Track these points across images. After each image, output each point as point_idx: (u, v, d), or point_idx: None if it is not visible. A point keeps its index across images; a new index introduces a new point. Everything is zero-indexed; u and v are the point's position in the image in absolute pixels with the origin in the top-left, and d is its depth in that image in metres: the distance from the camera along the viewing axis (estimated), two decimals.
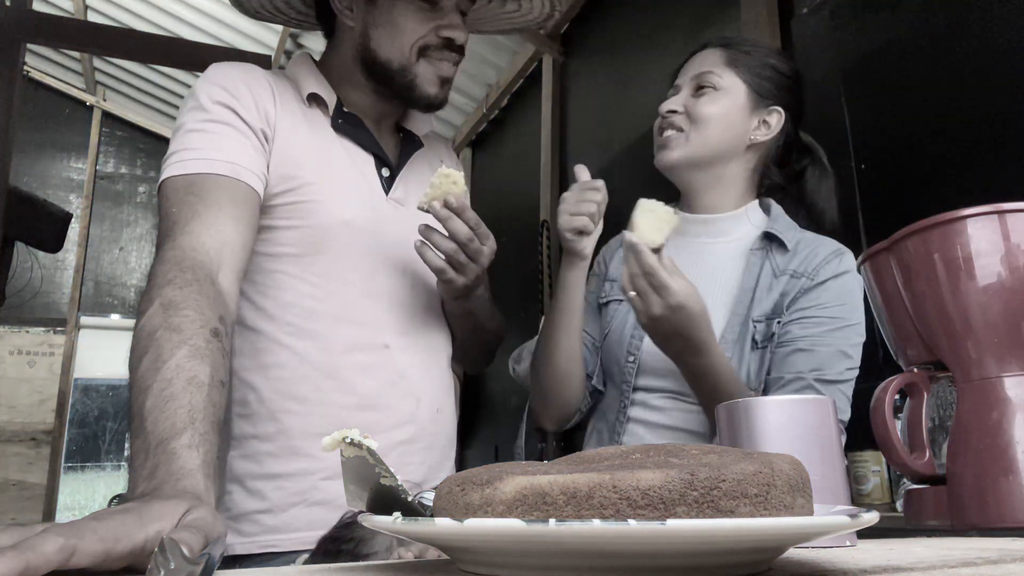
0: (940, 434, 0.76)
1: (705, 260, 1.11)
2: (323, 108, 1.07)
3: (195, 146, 0.92)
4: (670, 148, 1.11)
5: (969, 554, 0.48)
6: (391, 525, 0.37)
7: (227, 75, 0.99)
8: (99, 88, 6.47)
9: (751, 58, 1.12)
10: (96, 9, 5.10)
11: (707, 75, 1.10)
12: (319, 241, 1.00)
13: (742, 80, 1.11)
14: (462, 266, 0.98)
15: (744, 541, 0.33)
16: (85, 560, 0.39)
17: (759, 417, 0.61)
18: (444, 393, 1.11)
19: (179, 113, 0.98)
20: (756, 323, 1.03)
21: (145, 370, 0.66)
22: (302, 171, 1.00)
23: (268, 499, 0.95)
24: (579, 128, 3.53)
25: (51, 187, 6.26)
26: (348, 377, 1.00)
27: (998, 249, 0.70)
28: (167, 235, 0.84)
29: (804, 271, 1.04)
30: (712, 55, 1.13)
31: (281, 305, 0.99)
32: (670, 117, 1.12)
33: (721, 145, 1.10)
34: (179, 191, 0.88)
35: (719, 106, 1.09)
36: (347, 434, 0.44)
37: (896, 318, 0.79)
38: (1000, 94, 1.48)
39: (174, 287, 0.74)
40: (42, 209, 3.20)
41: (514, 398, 3.85)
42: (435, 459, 1.07)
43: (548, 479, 0.34)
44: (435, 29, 1.02)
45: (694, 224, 1.15)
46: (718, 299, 1.07)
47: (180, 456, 0.58)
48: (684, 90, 1.13)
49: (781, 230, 1.08)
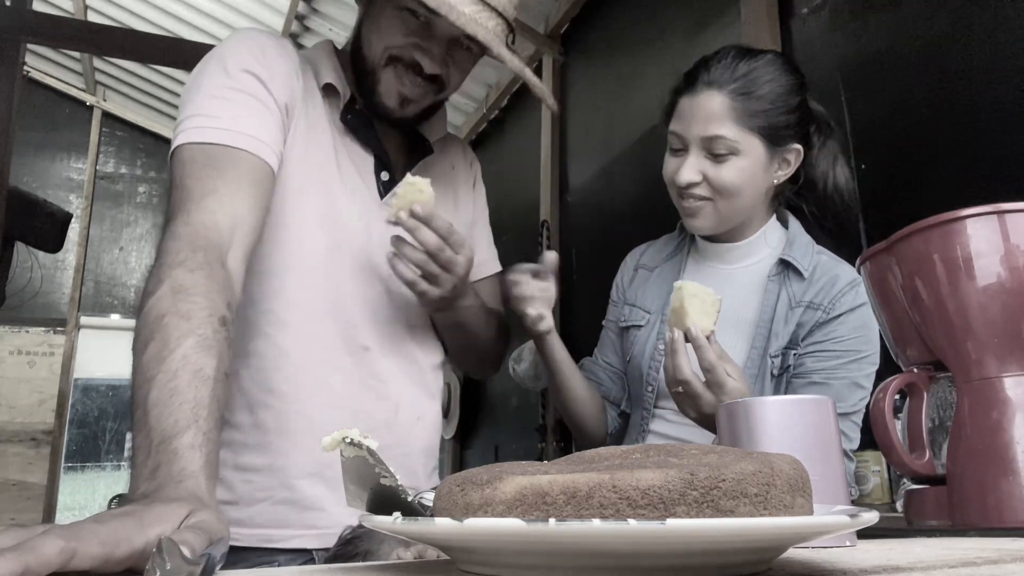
0: (940, 434, 0.76)
1: (723, 285, 1.09)
2: (335, 100, 1.05)
3: (215, 113, 0.88)
4: (700, 218, 1.07)
5: (969, 554, 0.48)
6: (391, 525, 0.37)
7: (259, 42, 0.96)
8: (99, 88, 6.47)
9: (761, 104, 1.03)
10: (96, 9, 5.10)
11: (720, 141, 1.02)
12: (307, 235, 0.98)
13: (758, 137, 1.03)
14: (435, 277, 0.94)
15: (744, 541, 0.33)
16: (85, 563, 0.39)
17: (759, 417, 0.61)
18: (427, 401, 1.08)
19: (197, 73, 0.94)
20: (773, 358, 1.03)
21: (151, 357, 0.64)
22: (308, 162, 0.98)
23: (235, 491, 0.94)
24: (579, 128, 3.53)
25: (51, 187, 6.26)
26: (323, 374, 0.98)
27: (998, 249, 0.70)
28: (180, 207, 0.81)
29: (820, 303, 1.03)
30: (719, 107, 1.02)
31: (266, 293, 0.97)
32: (691, 188, 1.05)
33: (750, 202, 1.07)
34: (196, 161, 0.85)
35: (741, 172, 1.03)
36: (347, 434, 0.44)
37: (896, 318, 0.79)
38: (1000, 94, 1.48)
39: (185, 269, 0.72)
40: (42, 209, 3.21)
41: (514, 398, 3.85)
42: (413, 467, 1.05)
43: (548, 479, 0.34)
44: (411, 45, 0.97)
45: (715, 251, 1.15)
46: (738, 330, 1.07)
47: (183, 456, 0.57)
48: (693, 151, 1.04)
49: (797, 257, 1.07)
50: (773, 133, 1.04)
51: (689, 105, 1.05)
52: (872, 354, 1.02)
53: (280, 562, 0.93)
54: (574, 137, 3.56)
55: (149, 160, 6.74)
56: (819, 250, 1.10)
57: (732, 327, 1.06)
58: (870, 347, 1.02)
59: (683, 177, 1.04)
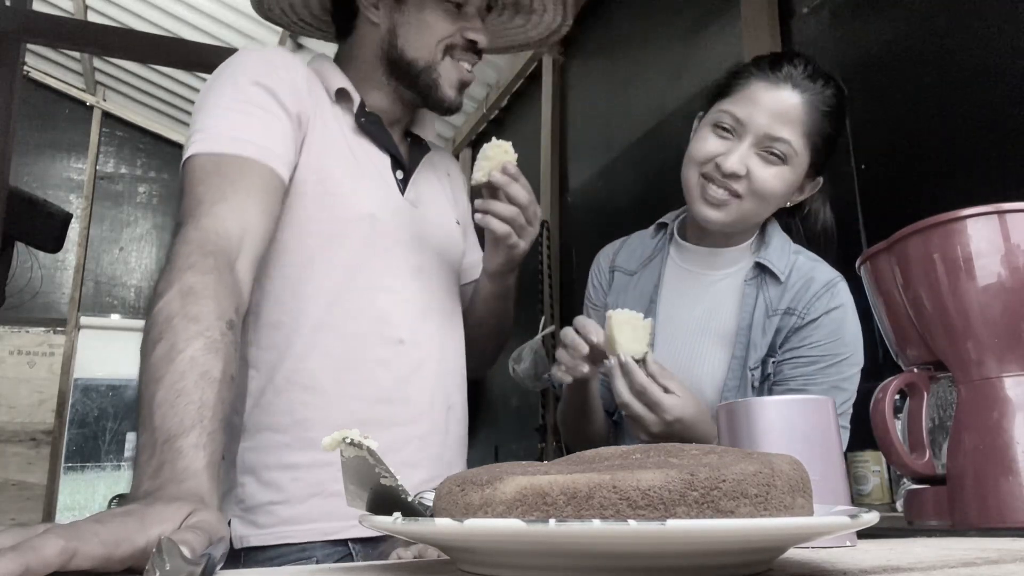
0: (940, 434, 0.76)
1: (703, 294, 1.09)
2: (348, 105, 1.08)
3: (226, 124, 0.90)
4: (719, 210, 1.01)
5: (969, 554, 0.48)
6: (391, 525, 0.37)
7: (266, 58, 0.99)
8: (99, 88, 6.48)
9: (827, 126, 1.01)
10: (96, 9, 5.10)
11: (782, 144, 0.97)
12: (340, 233, 1.01)
13: (809, 153, 1.00)
14: (523, 230, 1.01)
15: (744, 541, 0.33)
16: (86, 563, 0.39)
17: (759, 417, 0.61)
18: (457, 391, 1.12)
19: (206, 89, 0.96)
20: (752, 371, 1.02)
21: (159, 358, 0.65)
22: (329, 163, 1.00)
23: (285, 490, 0.95)
24: (579, 128, 3.53)
25: (51, 187, 6.26)
26: (368, 370, 1.00)
27: (998, 249, 0.70)
28: (191, 214, 0.82)
29: (795, 307, 1.01)
30: (795, 110, 0.98)
31: (301, 297, 0.99)
32: (731, 180, 0.99)
33: (767, 213, 1.05)
34: (207, 169, 0.87)
35: (784, 181, 0.99)
36: (347, 434, 0.44)
37: (896, 318, 0.80)
38: (1001, 94, 1.48)
39: (195, 272, 0.73)
40: (42, 209, 3.21)
41: (514, 398, 3.85)
42: (450, 456, 1.07)
43: (548, 479, 0.34)
44: (460, 30, 1.05)
45: (697, 255, 1.11)
46: (716, 341, 1.05)
47: (186, 455, 0.57)
48: (748, 141, 0.99)
49: (773, 260, 1.04)
50: (819, 156, 1.02)
51: (766, 94, 0.99)
52: (851, 355, 1.00)
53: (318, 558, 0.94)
54: (574, 137, 3.56)
55: (149, 160, 6.74)
56: (796, 249, 1.07)
57: (712, 337, 1.05)
58: (848, 349, 0.99)
59: (731, 165, 0.98)
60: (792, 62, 1.01)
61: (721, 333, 1.05)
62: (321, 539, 0.94)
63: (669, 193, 1.12)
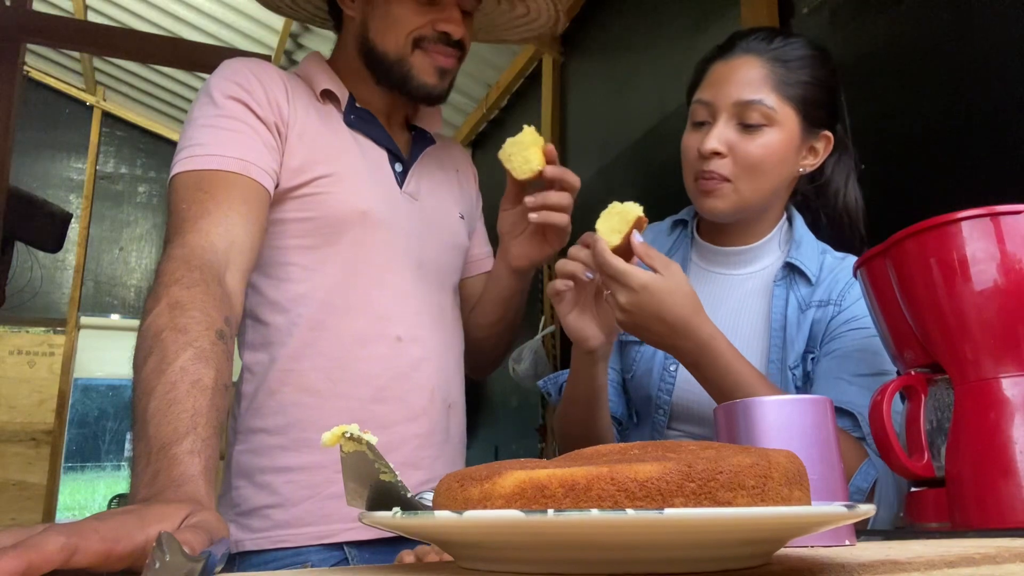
0: (938, 436, 0.76)
1: (726, 295, 1.05)
2: (336, 104, 1.08)
3: (206, 142, 0.92)
4: (716, 198, 0.97)
5: (968, 551, 0.49)
6: (391, 520, 0.38)
7: (239, 71, 1.00)
8: (99, 88, 6.48)
9: (800, 75, 0.96)
10: (96, 9, 5.10)
11: (756, 108, 0.94)
12: (334, 232, 1.01)
13: (794, 109, 0.96)
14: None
15: (741, 530, 0.33)
16: (86, 560, 0.39)
17: (757, 417, 0.61)
18: (455, 389, 1.11)
19: (191, 109, 0.99)
20: (793, 370, 0.97)
21: (150, 371, 0.66)
22: (317, 164, 1.00)
23: (279, 493, 0.95)
24: (579, 128, 3.53)
25: (51, 187, 6.27)
26: (362, 369, 1.00)
27: (993, 251, 0.71)
28: (176, 231, 0.84)
29: (830, 299, 0.98)
30: (756, 71, 0.95)
31: (293, 298, 0.99)
32: (714, 162, 0.95)
33: (773, 188, 0.99)
34: (189, 187, 0.88)
35: (772, 147, 0.95)
36: (346, 429, 0.44)
37: (893, 321, 0.80)
38: (1000, 94, 1.48)
39: (181, 287, 0.74)
40: (42, 209, 3.20)
41: (514, 398, 3.84)
42: (449, 456, 1.07)
43: (547, 473, 0.35)
44: (431, 22, 1.04)
45: (719, 255, 1.07)
46: (749, 343, 1.00)
47: (182, 462, 0.58)
48: (722, 120, 0.96)
49: (805, 261, 1.01)
50: (809, 108, 0.97)
51: (724, 69, 0.97)
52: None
53: (313, 562, 0.94)
54: (574, 136, 3.56)
55: (149, 160, 6.74)
56: (823, 248, 1.05)
57: (742, 340, 1.00)
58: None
59: (707, 144, 0.94)
60: (742, 35, 1.01)
61: (749, 334, 1.02)
62: (316, 543, 0.94)
63: (669, 193, 1.12)
